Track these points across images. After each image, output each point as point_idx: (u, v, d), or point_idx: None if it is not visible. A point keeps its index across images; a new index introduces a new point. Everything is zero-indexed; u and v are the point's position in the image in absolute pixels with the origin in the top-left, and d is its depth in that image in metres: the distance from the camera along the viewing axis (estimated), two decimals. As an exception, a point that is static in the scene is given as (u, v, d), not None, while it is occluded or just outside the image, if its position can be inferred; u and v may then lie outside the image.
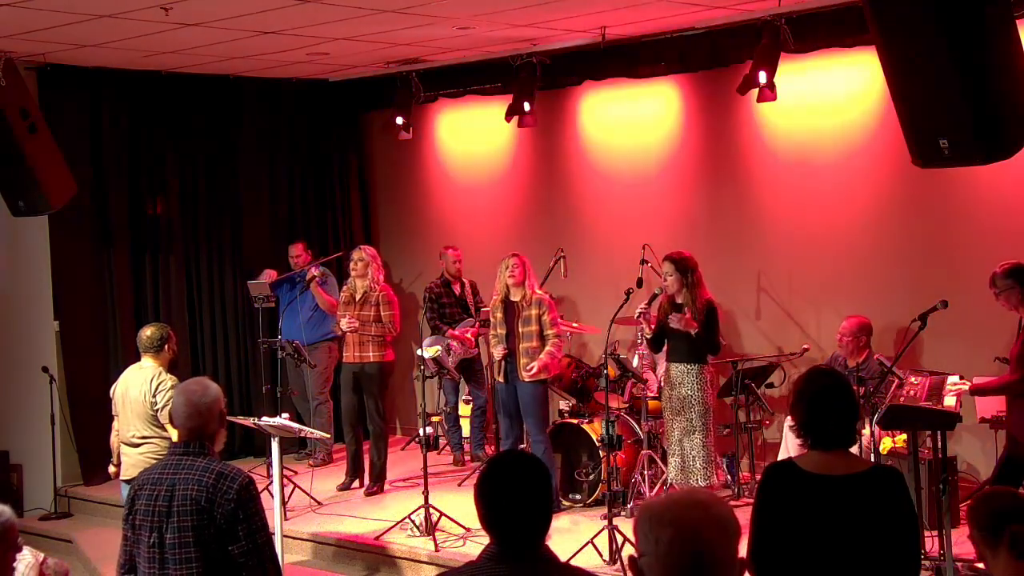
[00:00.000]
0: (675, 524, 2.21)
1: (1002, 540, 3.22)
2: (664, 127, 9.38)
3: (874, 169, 8.25)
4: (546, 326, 7.74)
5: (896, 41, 5.47)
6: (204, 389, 4.10)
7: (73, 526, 9.03)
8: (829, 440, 3.60)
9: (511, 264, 7.79)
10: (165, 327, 6.69)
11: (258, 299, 9.72)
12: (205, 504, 3.86)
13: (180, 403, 4.08)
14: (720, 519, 2.24)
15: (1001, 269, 6.29)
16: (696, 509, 2.24)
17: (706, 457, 6.95)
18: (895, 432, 7.01)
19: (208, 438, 4.04)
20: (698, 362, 7.03)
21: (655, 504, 2.31)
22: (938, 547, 6.37)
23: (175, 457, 4.03)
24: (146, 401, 6.39)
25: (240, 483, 3.90)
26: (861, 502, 3.51)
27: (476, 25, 8.16)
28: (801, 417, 3.64)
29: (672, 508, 2.25)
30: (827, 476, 3.55)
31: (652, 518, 2.26)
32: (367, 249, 8.85)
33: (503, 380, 7.86)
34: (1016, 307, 6.28)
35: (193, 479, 3.90)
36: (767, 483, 3.72)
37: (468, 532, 7.51)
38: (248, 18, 7.59)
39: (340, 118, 11.04)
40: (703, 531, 2.21)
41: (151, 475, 4.07)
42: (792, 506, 3.57)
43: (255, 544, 3.87)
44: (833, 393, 3.61)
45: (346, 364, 8.73)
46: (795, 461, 3.67)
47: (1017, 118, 5.30)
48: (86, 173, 9.32)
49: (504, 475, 2.95)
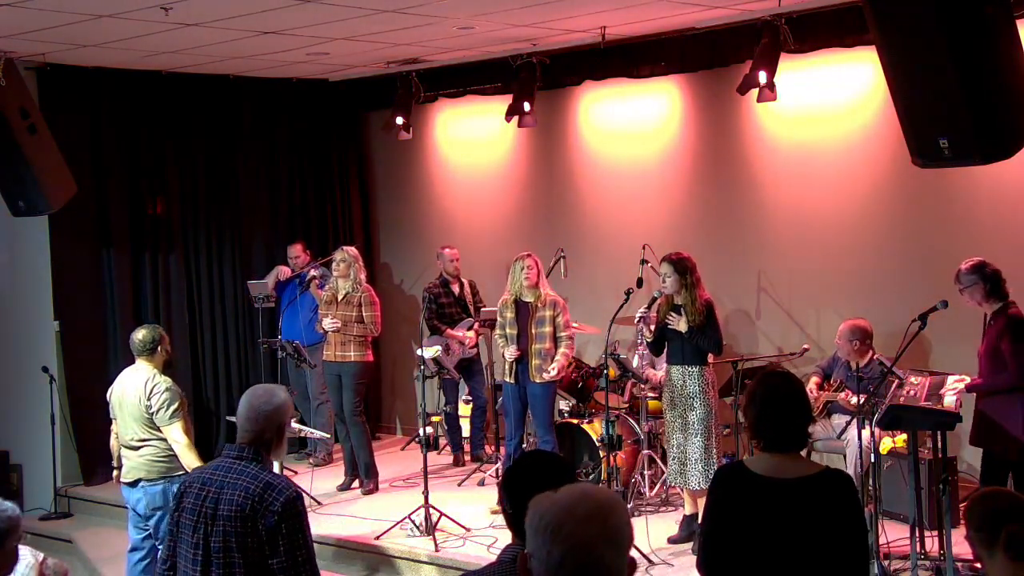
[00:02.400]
0: (568, 540, 2.22)
1: (998, 540, 3.21)
2: (664, 127, 9.38)
3: (874, 169, 8.25)
4: (560, 328, 7.75)
5: (896, 41, 5.48)
6: (269, 397, 4.03)
7: (73, 526, 9.03)
8: (780, 442, 3.57)
9: (527, 265, 7.78)
10: (157, 328, 6.67)
11: (258, 299, 9.73)
12: (249, 513, 3.76)
13: (243, 406, 4.02)
14: (614, 532, 2.26)
15: (966, 267, 6.43)
16: (591, 523, 2.24)
17: (707, 459, 6.95)
18: (895, 432, 7.01)
19: (264, 445, 3.94)
20: (698, 364, 7.02)
21: (551, 511, 2.27)
22: (938, 547, 6.38)
23: (228, 460, 3.94)
24: (141, 404, 6.37)
25: (287, 497, 3.79)
26: (811, 506, 3.48)
27: (476, 25, 8.16)
28: (754, 419, 3.61)
29: (567, 522, 2.24)
30: (778, 479, 3.52)
31: (547, 527, 2.25)
32: (349, 249, 8.87)
33: (513, 380, 7.86)
34: (980, 302, 6.40)
35: (241, 485, 3.81)
36: (717, 485, 3.70)
37: (468, 532, 7.52)
38: (248, 18, 7.59)
39: (340, 118, 11.04)
40: (594, 547, 2.23)
41: (202, 474, 4.00)
42: (742, 509, 3.54)
43: (294, 561, 3.75)
44: (785, 395, 3.58)
45: (327, 363, 8.80)
46: (746, 464, 3.64)
47: (1017, 118, 5.31)
48: (86, 173, 9.31)
49: (533, 472, 2.97)
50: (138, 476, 6.44)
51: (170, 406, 6.35)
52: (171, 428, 6.34)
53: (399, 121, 10.00)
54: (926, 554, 6.55)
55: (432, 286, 9.56)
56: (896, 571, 6.44)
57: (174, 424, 6.34)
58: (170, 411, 6.34)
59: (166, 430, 6.35)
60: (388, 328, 10.22)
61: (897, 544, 6.63)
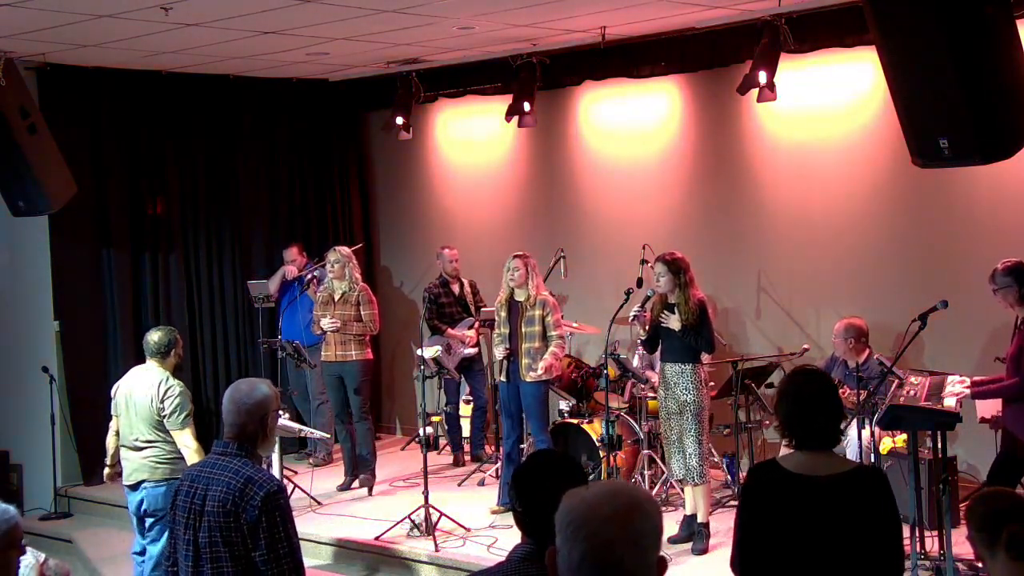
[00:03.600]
0: (589, 540, 2.19)
1: (1000, 540, 3.21)
2: (664, 127, 9.38)
3: (874, 169, 8.25)
4: (549, 327, 7.75)
5: (896, 41, 5.48)
6: (250, 390, 4.02)
7: (73, 526, 9.02)
8: (813, 440, 3.57)
9: (512, 265, 7.81)
10: (173, 331, 6.64)
11: (258, 299, 9.73)
12: (231, 508, 3.78)
13: (225, 400, 4.02)
14: (637, 534, 2.21)
15: (1002, 267, 6.31)
16: (613, 524, 2.20)
17: (701, 456, 6.96)
18: (895, 432, 7.01)
19: (248, 439, 3.95)
20: (691, 362, 7.03)
21: (577, 509, 2.24)
22: (938, 547, 6.37)
23: (215, 456, 3.96)
24: (153, 406, 6.35)
25: (267, 491, 3.79)
26: (845, 503, 3.49)
27: (476, 25, 8.16)
28: (785, 417, 3.62)
29: (590, 521, 2.21)
30: (811, 476, 3.53)
31: (570, 525, 2.22)
32: (341, 249, 8.87)
33: (506, 379, 7.88)
34: (1013, 305, 6.30)
35: (224, 480, 3.83)
36: (751, 483, 3.71)
37: (468, 532, 7.52)
38: (248, 18, 7.59)
39: (340, 118, 11.04)
40: (614, 548, 2.19)
41: (192, 471, 4.02)
42: (776, 507, 3.55)
43: (276, 555, 3.76)
44: (817, 393, 3.59)
45: (327, 363, 8.79)
46: (779, 461, 3.65)
47: (1017, 118, 5.31)
48: (86, 173, 9.31)
49: (542, 472, 2.97)
50: (141, 477, 6.41)
51: (183, 411, 6.34)
52: (182, 433, 6.33)
53: (399, 121, 10.00)
54: (926, 554, 6.54)
55: (432, 286, 9.56)
56: (896, 571, 6.43)
57: (186, 429, 6.33)
58: (183, 416, 6.33)
59: (177, 434, 6.33)
60: (388, 328, 10.23)
61: (897, 544, 6.61)
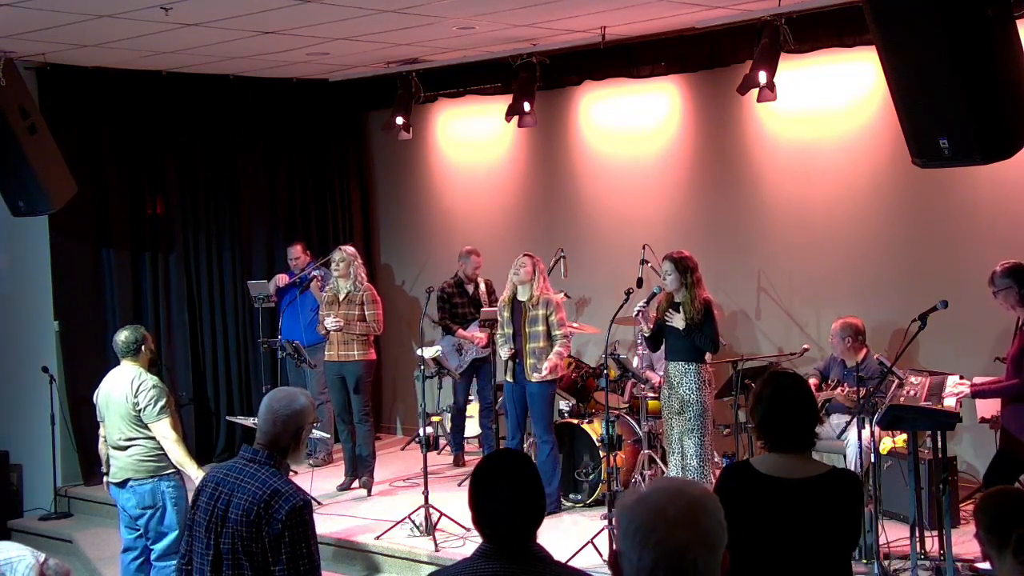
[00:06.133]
0: (659, 547, 2.10)
1: (1008, 543, 3.18)
2: (664, 127, 9.38)
3: (874, 169, 8.25)
4: (554, 327, 7.75)
5: (896, 41, 5.48)
6: (290, 401, 3.96)
7: (73, 526, 9.03)
8: (787, 443, 3.55)
9: (518, 263, 7.81)
10: (139, 328, 6.68)
11: (258, 299, 9.72)
12: (255, 519, 3.73)
13: (262, 408, 3.97)
14: (707, 535, 2.12)
15: (1001, 268, 6.31)
16: (683, 527, 2.10)
17: (703, 457, 6.96)
18: (895, 432, 7.01)
19: (279, 450, 3.90)
20: (695, 361, 7.04)
21: (640, 513, 2.14)
22: (938, 547, 6.38)
23: (243, 461, 3.90)
24: (128, 402, 6.38)
25: (293, 505, 3.73)
26: (814, 506, 3.48)
27: (476, 25, 8.16)
28: (759, 419, 3.60)
29: (658, 527, 2.11)
30: (782, 479, 3.51)
31: (637, 531, 2.12)
32: (347, 249, 8.85)
33: (511, 379, 7.88)
34: (1014, 306, 6.29)
35: (250, 490, 3.78)
36: (722, 485, 3.69)
37: (468, 532, 7.51)
38: (248, 18, 7.59)
39: (340, 118, 11.04)
40: (688, 552, 2.10)
41: (216, 474, 3.96)
42: (747, 508, 3.52)
43: (296, 571, 3.69)
44: (791, 396, 3.56)
45: (330, 363, 8.77)
46: (751, 463, 3.63)
47: (1017, 118, 5.31)
48: (86, 173, 9.31)
49: (492, 473, 3.00)
50: (126, 476, 6.43)
51: (157, 402, 6.36)
52: (159, 424, 6.36)
53: (399, 121, 9.99)
54: (926, 554, 6.55)
55: (447, 285, 9.50)
56: (896, 571, 6.44)
57: (162, 420, 6.36)
58: (157, 407, 6.36)
59: (154, 426, 6.36)
60: (388, 328, 10.22)
61: (897, 544, 6.62)
